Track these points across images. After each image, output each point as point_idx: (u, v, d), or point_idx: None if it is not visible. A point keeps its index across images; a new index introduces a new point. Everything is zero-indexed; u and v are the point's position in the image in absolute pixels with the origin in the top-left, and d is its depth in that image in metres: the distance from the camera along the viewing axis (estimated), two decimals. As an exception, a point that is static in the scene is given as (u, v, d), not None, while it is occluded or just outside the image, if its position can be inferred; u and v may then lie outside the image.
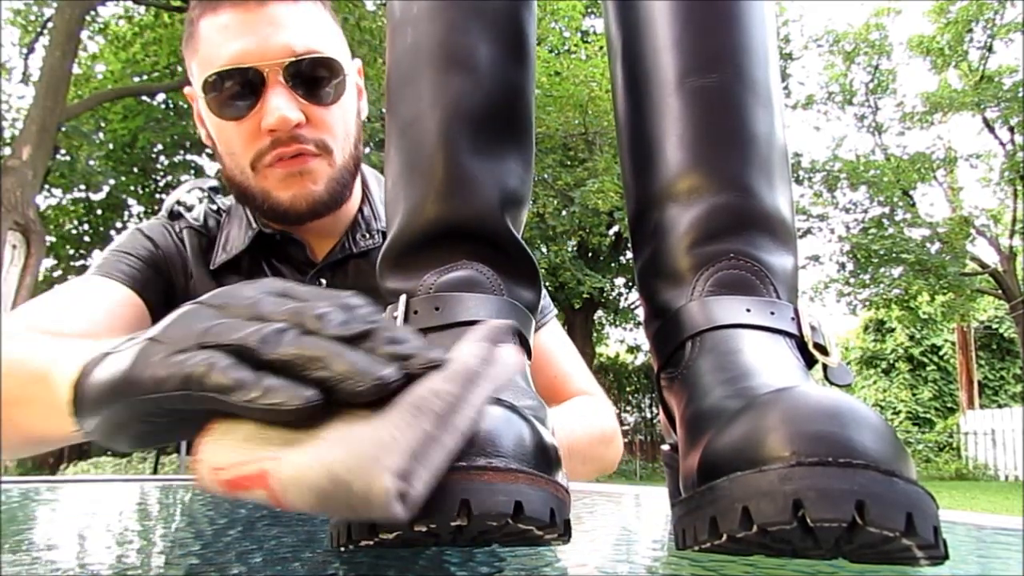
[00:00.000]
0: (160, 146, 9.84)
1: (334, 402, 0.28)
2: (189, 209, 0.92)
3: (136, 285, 0.82)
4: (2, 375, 0.49)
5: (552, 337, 0.93)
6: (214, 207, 0.93)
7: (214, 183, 0.99)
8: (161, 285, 0.86)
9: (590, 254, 11.46)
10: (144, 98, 9.33)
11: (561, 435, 0.34)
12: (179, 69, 8.63)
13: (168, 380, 0.30)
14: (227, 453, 0.29)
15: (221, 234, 0.90)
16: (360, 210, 0.92)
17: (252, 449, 0.28)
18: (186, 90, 0.88)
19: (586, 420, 0.84)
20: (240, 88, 0.79)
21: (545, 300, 0.96)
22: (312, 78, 0.80)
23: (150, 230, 0.90)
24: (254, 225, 0.88)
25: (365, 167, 0.96)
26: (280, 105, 0.77)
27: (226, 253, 0.88)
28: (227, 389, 0.29)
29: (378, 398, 0.28)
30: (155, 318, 0.84)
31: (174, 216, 0.92)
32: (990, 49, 11.75)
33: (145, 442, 0.34)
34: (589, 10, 10.96)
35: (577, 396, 0.90)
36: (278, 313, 0.31)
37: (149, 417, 0.32)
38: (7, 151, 7.35)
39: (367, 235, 0.90)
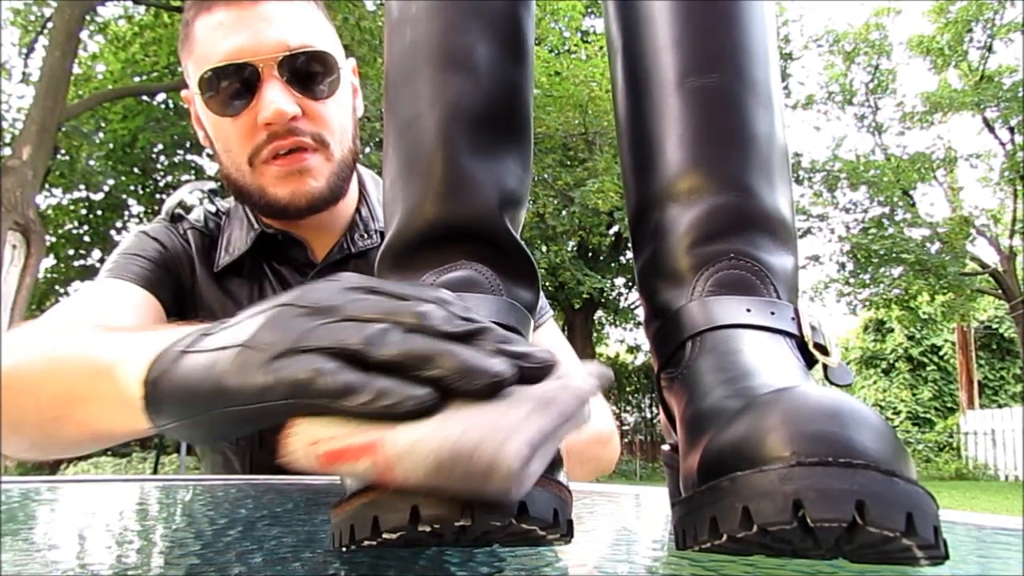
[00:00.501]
0: (160, 146, 9.84)
1: (446, 397, 0.28)
2: (189, 211, 0.92)
3: (150, 285, 0.83)
4: (62, 369, 0.47)
5: (549, 338, 0.93)
6: (213, 209, 0.93)
7: (213, 185, 0.99)
8: (171, 284, 0.86)
9: (590, 254, 11.46)
10: (144, 98, 9.33)
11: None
12: (179, 69, 8.60)
13: (275, 388, 0.29)
14: (329, 428, 0.28)
15: (222, 236, 0.91)
16: (357, 210, 0.92)
17: (356, 425, 0.28)
18: (183, 93, 0.88)
19: None
20: (236, 84, 0.79)
21: (542, 301, 0.96)
22: (307, 72, 0.81)
23: (155, 232, 0.90)
24: (256, 226, 0.88)
25: (361, 167, 0.96)
26: (276, 99, 0.78)
27: (229, 255, 0.88)
28: (338, 394, 0.28)
29: (491, 393, 0.28)
30: (168, 317, 0.84)
31: (175, 219, 0.92)
32: (990, 49, 11.75)
33: (223, 438, 0.33)
34: (589, 10, 10.96)
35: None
36: (375, 311, 0.30)
37: (243, 421, 0.31)
38: (7, 151, 7.35)
39: (365, 235, 0.90)
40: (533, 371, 0.29)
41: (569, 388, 0.29)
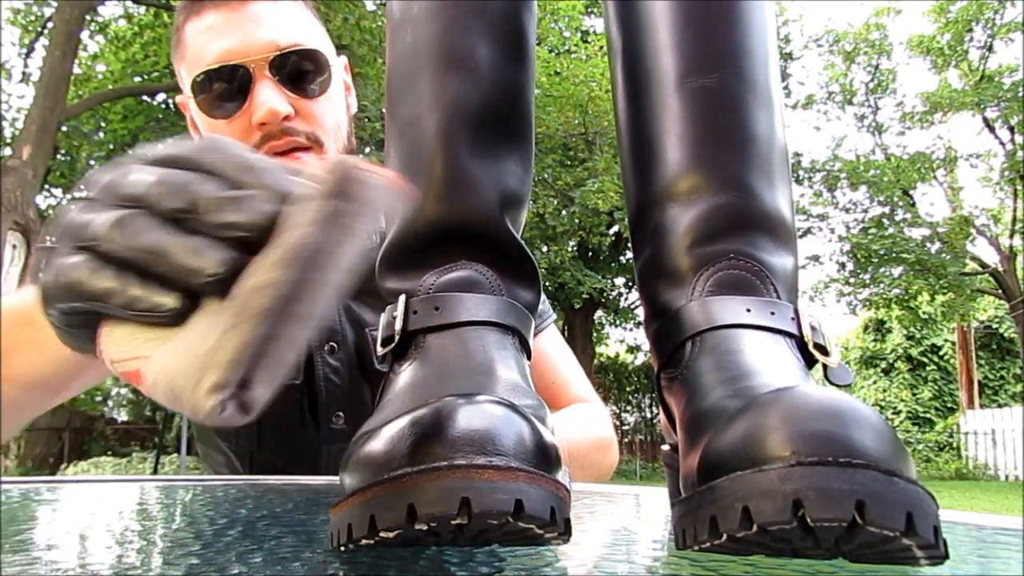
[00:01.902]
0: (160, 146, 9.82)
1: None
2: None
3: None
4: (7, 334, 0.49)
5: (551, 343, 0.93)
6: None
7: None
8: None
9: (590, 254, 11.47)
10: (144, 98, 9.33)
11: (560, 441, 0.34)
12: (179, 69, 8.63)
13: (62, 291, 0.30)
14: (115, 346, 0.29)
15: None
16: None
17: (133, 345, 0.29)
18: (178, 99, 0.88)
19: (584, 427, 0.85)
20: (228, 86, 0.79)
21: (544, 305, 0.96)
22: (298, 71, 0.81)
23: None
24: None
25: None
26: (268, 98, 0.78)
27: None
28: (101, 297, 0.29)
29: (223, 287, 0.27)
30: None
31: None
32: (990, 49, 11.76)
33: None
34: (589, 10, 10.96)
35: (575, 403, 0.90)
36: (140, 193, 0.30)
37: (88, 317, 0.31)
38: (7, 151, 7.35)
39: None
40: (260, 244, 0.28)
41: (284, 264, 0.26)
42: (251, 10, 0.80)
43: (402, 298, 0.45)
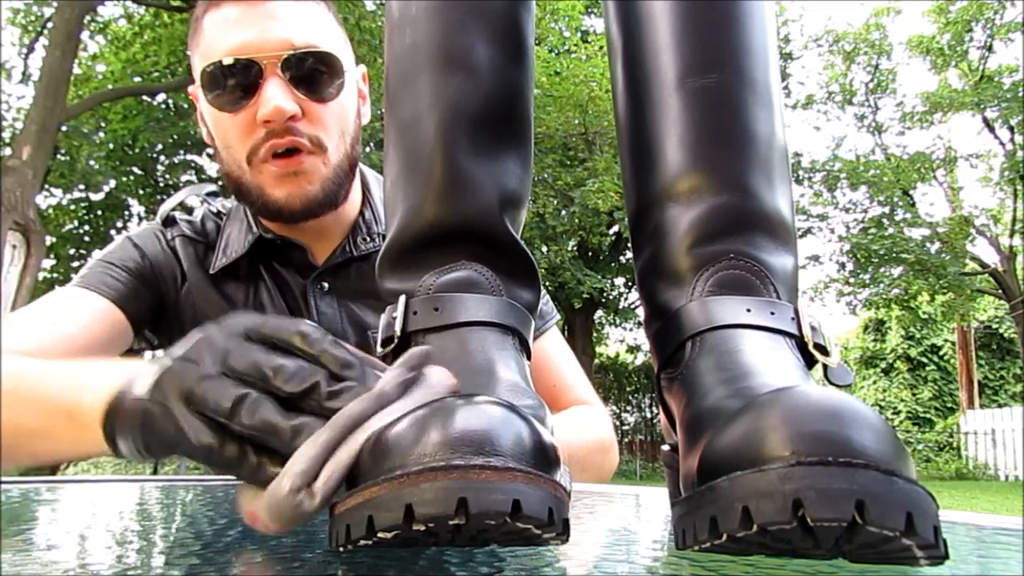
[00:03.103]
0: (160, 146, 9.83)
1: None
2: (190, 211, 0.92)
3: (119, 299, 0.82)
4: (14, 406, 0.50)
5: (553, 345, 0.93)
6: (214, 209, 0.93)
7: (212, 187, 0.99)
8: (147, 297, 0.85)
9: (590, 254, 11.46)
10: (144, 98, 9.32)
11: (560, 442, 0.34)
12: (179, 69, 8.62)
13: (178, 444, 0.35)
14: (242, 500, 0.37)
15: (221, 237, 0.90)
16: (361, 212, 0.91)
17: (248, 499, 0.36)
18: (190, 88, 0.88)
19: (585, 429, 0.85)
20: (238, 80, 0.79)
21: (547, 306, 0.96)
22: (310, 73, 0.80)
23: (140, 239, 0.89)
24: (254, 229, 0.87)
25: (367, 169, 0.96)
26: (275, 96, 0.78)
27: (226, 257, 0.88)
28: (209, 462, 0.35)
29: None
30: (137, 331, 0.84)
31: (168, 223, 0.91)
32: (990, 49, 11.75)
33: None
34: (589, 10, 10.96)
35: (576, 405, 0.90)
36: (247, 369, 0.36)
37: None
38: (7, 151, 7.35)
39: (368, 238, 0.90)
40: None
41: (360, 401, 0.34)
42: (270, 7, 0.80)
43: (402, 299, 0.44)
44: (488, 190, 0.46)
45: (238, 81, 0.79)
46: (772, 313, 0.40)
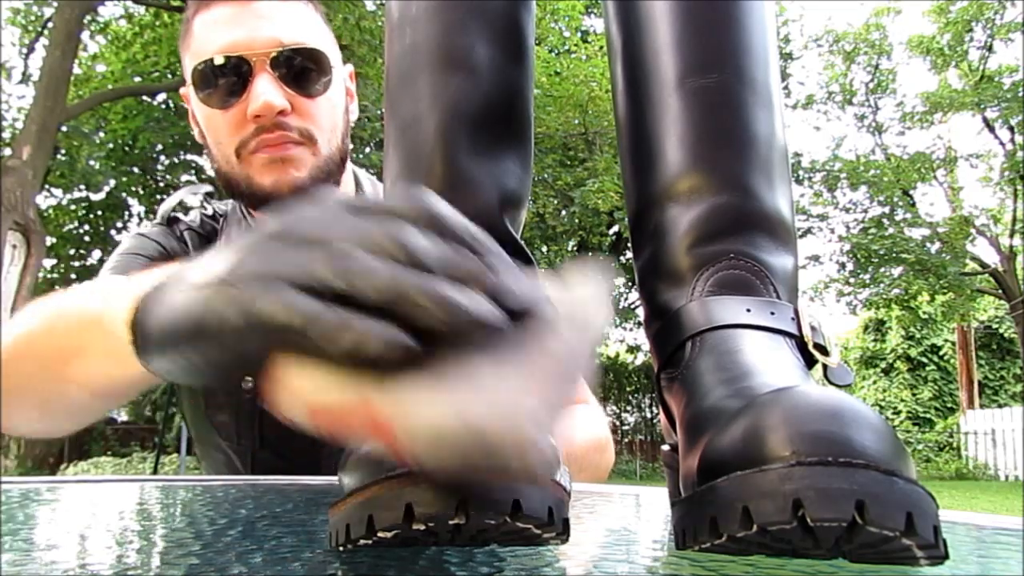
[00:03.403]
0: (160, 146, 9.83)
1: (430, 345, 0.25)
2: (187, 211, 0.93)
3: None
4: (55, 327, 0.48)
5: None
6: (209, 212, 0.94)
7: (208, 188, 0.99)
8: None
9: (590, 254, 11.47)
10: (144, 98, 9.33)
11: (559, 441, 0.34)
12: (179, 69, 8.62)
13: (245, 327, 0.26)
14: (326, 390, 0.25)
15: (220, 237, 0.91)
16: None
17: (351, 387, 0.25)
18: (181, 90, 0.89)
19: (583, 428, 0.85)
20: (227, 77, 0.80)
21: None
22: (299, 69, 0.82)
23: (153, 234, 0.91)
24: (253, 228, 0.88)
25: (359, 170, 0.96)
26: (265, 91, 0.79)
27: None
28: (312, 333, 0.25)
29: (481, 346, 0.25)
30: None
31: (171, 222, 0.92)
32: (990, 49, 11.76)
33: (220, 381, 0.31)
34: (589, 10, 10.96)
35: (573, 405, 0.90)
36: (352, 236, 0.26)
37: (230, 362, 0.28)
38: (7, 151, 7.35)
39: None
40: (527, 319, 0.27)
41: (573, 339, 0.27)
42: (259, 7, 0.81)
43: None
44: (488, 190, 0.46)
45: (228, 79, 0.80)
46: (772, 313, 0.40)
